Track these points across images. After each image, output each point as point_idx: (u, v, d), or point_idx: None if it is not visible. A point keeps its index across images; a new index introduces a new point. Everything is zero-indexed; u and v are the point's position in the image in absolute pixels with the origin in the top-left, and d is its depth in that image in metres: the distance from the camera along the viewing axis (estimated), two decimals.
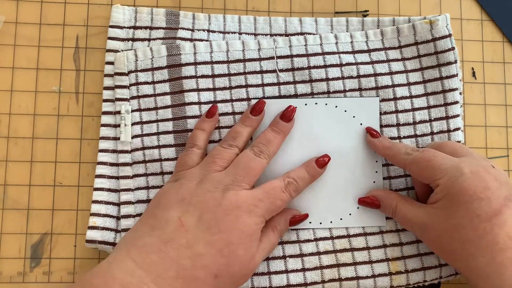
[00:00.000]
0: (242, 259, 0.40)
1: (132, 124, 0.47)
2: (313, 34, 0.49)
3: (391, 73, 0.47)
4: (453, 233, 0.39)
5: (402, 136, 0.47)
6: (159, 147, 0.46)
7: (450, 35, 0.47)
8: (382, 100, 0.47)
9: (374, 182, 0.47)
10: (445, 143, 0.44)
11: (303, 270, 0.45)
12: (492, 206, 0.38)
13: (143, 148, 0.46)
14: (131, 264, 0.38)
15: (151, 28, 0.48)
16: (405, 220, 0.43)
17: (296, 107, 0.46)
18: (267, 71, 0.47)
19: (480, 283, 0.39)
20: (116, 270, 0.37)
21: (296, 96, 0.47)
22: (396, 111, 0.47)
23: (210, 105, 0.47)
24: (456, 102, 0.47)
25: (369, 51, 0.48)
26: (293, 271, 0.45)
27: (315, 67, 0.47)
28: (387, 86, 0.47)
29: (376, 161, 0.47)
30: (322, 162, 0.45)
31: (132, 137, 0.47)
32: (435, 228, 0.41)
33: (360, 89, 0.47)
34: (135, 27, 0.48)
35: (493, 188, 0.39)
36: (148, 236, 0.39)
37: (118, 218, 0.46)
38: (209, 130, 0.46)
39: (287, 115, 0.46)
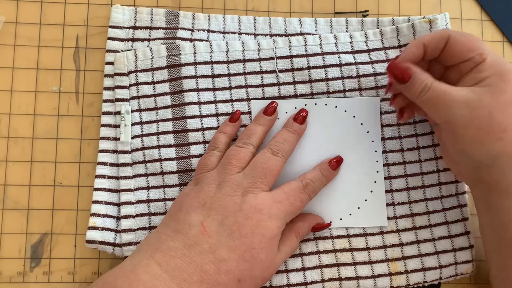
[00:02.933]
0: (263, 263, 0.40)
1: (132, 125, 0.47)
2: (313, 34, 0.49)
3: None
4: (507, 108, 0.38)
5: (402, 136, 0.47)
6: (159, 147, 0.46)
7: None
8: (382, 100, 0.47)
9: (375, 182, 0.47)
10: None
11: (303, 269, 0.45)
12: None
13: (143, 148, 0.46)
14: (155, 268, 0.38)
15: (151, 28, 0.48)
16: (442, 98, 0.39)
17: (308, 111, 0.46)
18: (267, 72, 0.47)
19: None
20: (141, 272, 0.37)
21: (296, 96, 0.47)
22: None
23: (210, 104, 0.47)
24: None
25: (368, 51, 0.48)
26: (293, 270, 0.45)
27: (314, 67, 0.47)
28: None
29: (377, 161, 0.47)
30: (335, 164, 0.46)
31: (132, 137, 0.47)
32: (485, 105, 0.38)
33: (360, 89, 0.47)
34: (135, 27, 0.48)
35: None
36: (171, 240, 0.39)
37: (118, 218, 0.46)
38: (231, 133, 0.46)
39: (300, 118, 0.46)
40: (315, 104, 0.47)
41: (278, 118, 0.47)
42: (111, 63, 0.48)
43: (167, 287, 0.37)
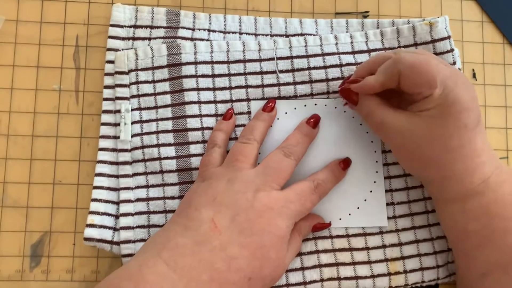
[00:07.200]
0: (273, 262, 0.40)
1: (132, 123, 0.47)
2: (313, 35, 0.49)
3: None
4: (439, 140, 0.39)
5: None
6: (158, 145, 0.46)
7: (449, 37, 0.47)
8: None
9: (374, 182, 0.47)
10: (420, 51, 0.42)
11: (302, 269, 0.45)
12: (476, 117, 0.39)
13: (143, 147, 0.46)
14: (163, 267, 0.37)
15: (151, 27, 0.48)
16: (381, 124, 0.42)
17: (320, 116, 0.46)
18: (267, 72, 0.47)
19: (450, 186, 0.41)
20: (148, 273, 0.36)
21: (296, 97, 0.47)
22: None
23: (210, 104, 0.47)
24: None
25: (369, 51, 0.48)
26: (292, 270, 0.45)
27: (315, 68, 0.47)
28: None
29: (376, 161, 0.47)
30: (345, 164, 0.46)
31: (132, 136, 0.47)
32: (418, 136, 0.40)
33: None
34: (135, 26, 0.48)
35: (476, 99, 0.40)
36: (180, 236, 0.39)
37: (116, 216, 0.46)
38: (227, 130, 0.46)
39: (312, 123, 0.46)
40: (315, 104, 0.47)
41: (278, 118, 0.47)
42: (112, 62, 0.48)
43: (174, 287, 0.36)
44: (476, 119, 0.39)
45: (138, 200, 0.46)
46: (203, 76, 0.47)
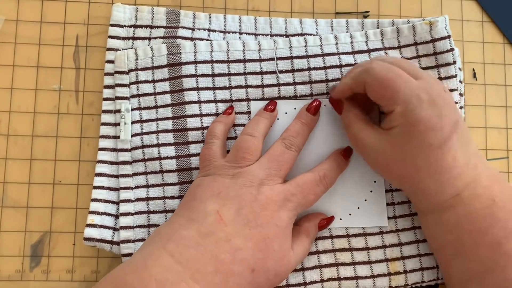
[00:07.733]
0: (276, 253, 0.40)
1: (132, 123, 0.47)
2: (313, 35, 0.49)
3: None
4: (404, 160, 0.40)
5: None
6: (158, 145, 0.46)
7: (449, 37, 0.47)
8: None
9: (374, 182, 0.47)
10: (398, 62, 0.42)
11: (302, 269, 0.45)
12: (443, 135, 0.39)
13: (143, 147, 0.46)
14: (168, 259, 0.37)
15: (151, 27, 0.48)
16: (355, 139, 0.43)
17: (320, 101, 0.47)
18: (267, 72, 0.47)
19: (423, 199, 0.42)
20: (152, 266, 0.36)
21: (295, 97, 0.47)
22: None
23: (210, 104, 0.47)
24: (455, 103, 0.47)
25: (369, 51, 0.48)
26: (292, 271, 0.45)
27: (315, 68, 0.47)
28: None
29: None
30: (347, 153, 0.46)
31: (132, 136, 0.47)
32: (386, 154, 0.41)
33: None
34: (135, 26, 0.48)
35: (445, 116, 0.40)
36: (185, 229, 0.39)
37: (116, 216, 0.46)
38: (227, 122, 0.46)
39: (313, 108, 0.46)
40: None
41: (278, 119, 0.47)
42: (112, 62, 0.48)
43: (180, 279, 0.36)
44: (443, 137, 0.39)
45: (138, 199, 0.46)
46: (203, 75, 0.47)
